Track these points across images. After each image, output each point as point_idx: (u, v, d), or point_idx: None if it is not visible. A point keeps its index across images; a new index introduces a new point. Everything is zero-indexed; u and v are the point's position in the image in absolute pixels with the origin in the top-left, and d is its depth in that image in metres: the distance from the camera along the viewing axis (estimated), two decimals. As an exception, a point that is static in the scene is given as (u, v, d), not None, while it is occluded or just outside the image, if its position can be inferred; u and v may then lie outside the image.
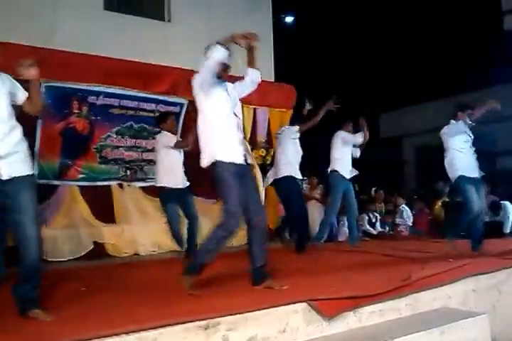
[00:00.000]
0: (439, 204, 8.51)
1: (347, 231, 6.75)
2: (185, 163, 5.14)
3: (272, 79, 8.23)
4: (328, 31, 12.31)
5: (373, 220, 8.10)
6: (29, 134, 5.62)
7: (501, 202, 7.76)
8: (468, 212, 4.85)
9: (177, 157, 5.09)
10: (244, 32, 3.15)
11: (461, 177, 4.90)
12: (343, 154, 6.05)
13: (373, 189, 9.04)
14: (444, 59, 12.33)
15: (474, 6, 11.13)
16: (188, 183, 5.15)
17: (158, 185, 5.14)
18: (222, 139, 3.24)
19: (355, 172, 6.17)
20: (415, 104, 13.21)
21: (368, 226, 7.95)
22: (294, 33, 12.07)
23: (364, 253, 5.27)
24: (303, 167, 8.79)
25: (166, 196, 5.07)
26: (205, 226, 4.42)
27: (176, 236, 5.11)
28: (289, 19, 12.60)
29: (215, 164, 3.20)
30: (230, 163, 3.20)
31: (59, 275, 4.15)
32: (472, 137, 4.99)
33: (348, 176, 6.01)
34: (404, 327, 2.99)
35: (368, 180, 10.41)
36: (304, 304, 2.84)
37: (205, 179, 4.03)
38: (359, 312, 3.02)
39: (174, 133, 5.30)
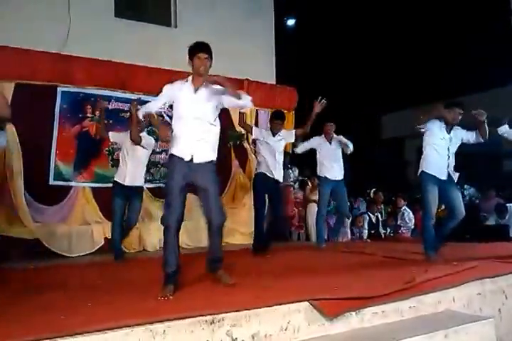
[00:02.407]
0: (442, 207, 8.46)
1: (348, 231, 6.76)
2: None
3: (274, 82, 8.24)
4: (330, 33, 12.30)
5: (374, 221, 8.08)
6: (45, 137, 5.96)
7: (507, 204, 7.70)
8: (424, 214, 4.69)
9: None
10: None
11: (424, 175, 4.63)
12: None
13: (373, 190, 9.02)
14: (446, 60, 12.31)
15: (481, 5, 11.10)
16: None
17: None
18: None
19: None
20: (417, 105, 13.17)
21: (366, 227, 7.93)
22: (295, 35, 12.09)
23: (365, 255, 5.25)
24: (302, 168, 8.82)
25: None
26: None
27: None
28: (290, 22, 12.65)
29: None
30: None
31: (74, 269, 4.44)
32: (450, 138, 4.63)
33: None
34: (407, 330, 2.97)
35: (369, 181, 10.42)
36: (307, 303, 2.85)
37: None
38: (361, 313, 3.01)
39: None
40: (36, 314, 2.65)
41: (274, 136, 5.52)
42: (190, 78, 3.50)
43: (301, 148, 6.16)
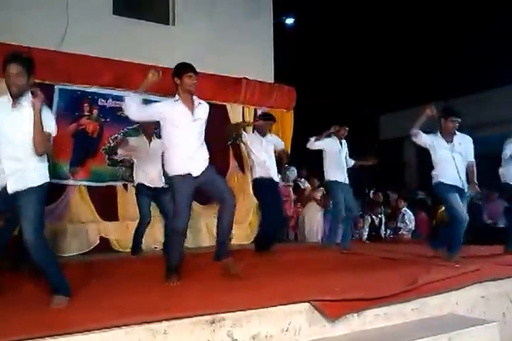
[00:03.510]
0: (443, 208, 8.40)
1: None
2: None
3: (272, 81, 8.18)
4: (329, 32, 12.25)
5: (377, 223, 8.01)
6: None
7: None
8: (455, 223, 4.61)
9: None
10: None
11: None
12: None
13: (372, 191, 8.95)
14: (446, 60, 12.26)
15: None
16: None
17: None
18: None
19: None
20: (416, 106, 13.11)
21: (367, 228, 7.86)
22: (294, 34, 12.03)
23: (366, 256, 5.22)
24: (301, 168, 8.75)
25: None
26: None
27: None
28: (289, 21, 12.59)
29: None
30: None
31: (70, 268, 4.23)
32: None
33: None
34: (409, 332, 2.93)
35: (368, 181, 10.35)
36: (308, 304, 2.82)
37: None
38: (363, 315, 2.98)
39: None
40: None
41: (264, 136, 5.56)
42: (177, 97, 3.69)
43: (313, 145, 5.97)
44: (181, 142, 3.57)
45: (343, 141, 6.12)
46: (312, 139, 5.93)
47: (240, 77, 7.25)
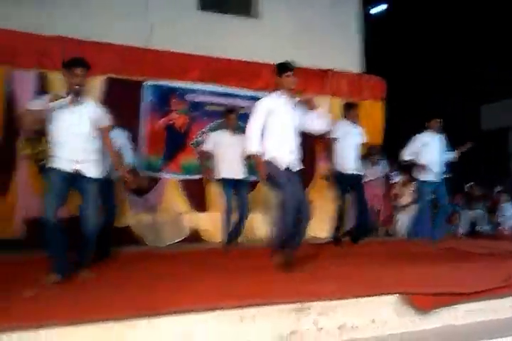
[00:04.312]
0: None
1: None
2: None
3: (361, 71, 8.01)
4: (422, 20, 11.69)
5: (472, 218, 7.60)
6: (133, 130, 5.98)
7: None
8: None
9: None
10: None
11: None
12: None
13: (468, 185, 8.43)
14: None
15: None
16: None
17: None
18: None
19: None
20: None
21: (463, 224, 7.48)
22: (385, 22, 11.65)
23: (461, 251, 5.03)
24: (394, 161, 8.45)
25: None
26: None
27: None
28: (377, 9, 12.18)
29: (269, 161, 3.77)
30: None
31: (164, 257, 4.69)
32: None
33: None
34: (502, 329, 2.78)
35: (468, 175, 9.77)
36: (396, 296, 2.78)
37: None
38: (454, 309, 2.87)
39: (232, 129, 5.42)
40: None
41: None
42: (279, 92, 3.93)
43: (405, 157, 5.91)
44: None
45: (439, 136, 5.87)
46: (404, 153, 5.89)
47: (325, 69, 7.19)
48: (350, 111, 5.75)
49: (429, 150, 5.76)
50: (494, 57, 11.91)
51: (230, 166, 5.30)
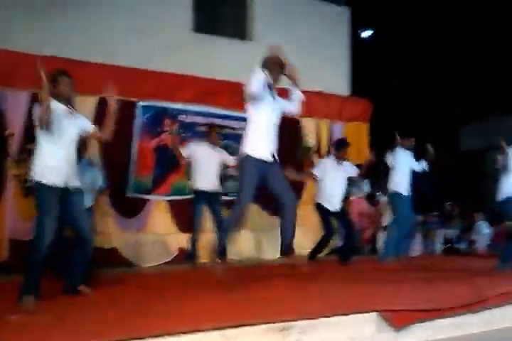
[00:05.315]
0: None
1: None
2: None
3: (347, 93, 8.32)
4: (407, 44, 12.13)
5: (450, 236, 7.89)
6: (123, 151, 6.15)
7: None
8: None
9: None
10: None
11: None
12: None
13: (448, 203, 8.76)
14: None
15: None
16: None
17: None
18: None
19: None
20: (498, 116, 12.58)
21: (440, 241, 7.75)
22: (372, 46, 12.05)
23: (435, 269, 5.27)
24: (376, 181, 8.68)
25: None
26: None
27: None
28: (366, 33, 12.61)
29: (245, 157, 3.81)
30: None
31: (148, 278, 4.77)
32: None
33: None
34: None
35: (444, 195, 10.11)
36: (376, 313, 2.88)
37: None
38: (431, 325, 3.02)
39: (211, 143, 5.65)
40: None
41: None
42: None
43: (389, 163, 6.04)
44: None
45: (410, 153, 6.06)
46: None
47: (314, 91, 7.46)
48: (340, 149, 5.83)
49: (400, 167, 5.91)
50: (474, 80, 12.35)
51: (205, 178, 5.47)
